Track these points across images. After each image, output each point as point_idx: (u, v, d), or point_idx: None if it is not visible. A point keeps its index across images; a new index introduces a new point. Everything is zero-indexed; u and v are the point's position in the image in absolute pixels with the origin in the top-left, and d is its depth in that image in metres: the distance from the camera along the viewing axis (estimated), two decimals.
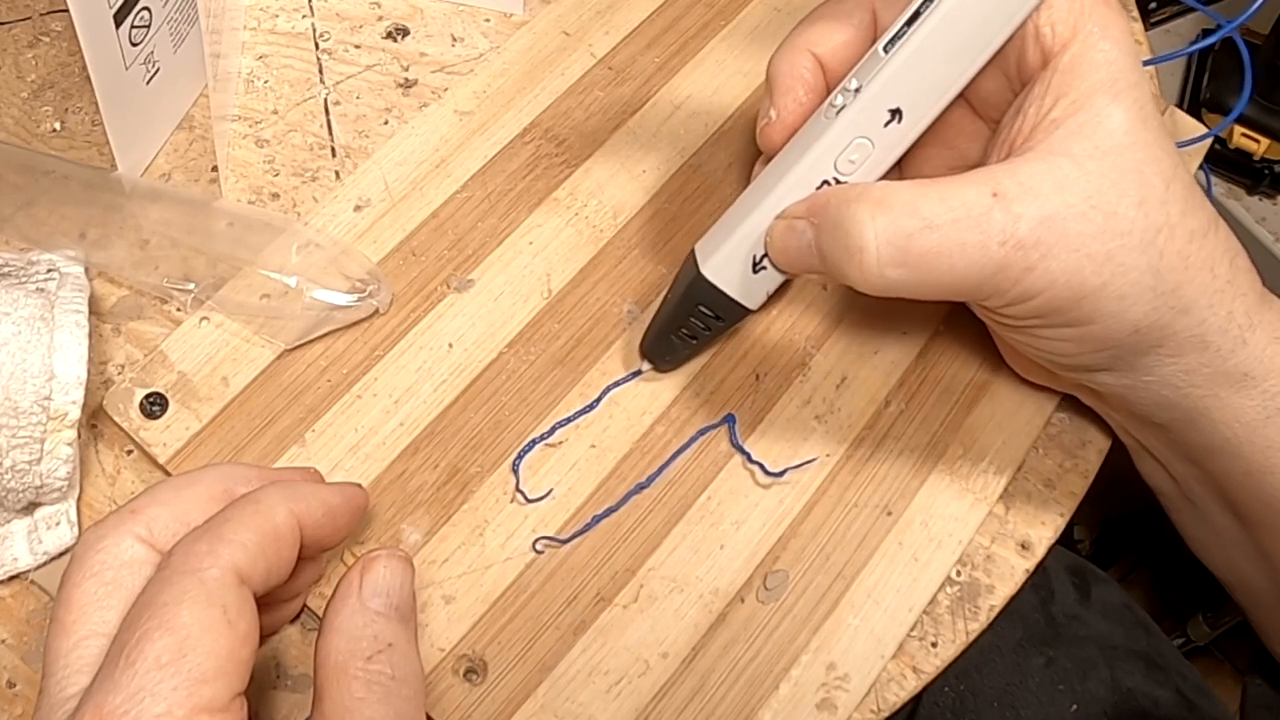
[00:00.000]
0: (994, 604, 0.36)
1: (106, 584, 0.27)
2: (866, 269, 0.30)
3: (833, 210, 0.31)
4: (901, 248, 0.29)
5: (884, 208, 0.30)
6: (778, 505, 0.37)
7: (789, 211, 0.33)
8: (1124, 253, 0.29)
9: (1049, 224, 0.29)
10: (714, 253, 0.35)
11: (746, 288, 0.35)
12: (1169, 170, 0.30)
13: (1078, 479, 0.39)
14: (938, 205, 0.29)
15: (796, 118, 0.35)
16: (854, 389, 0.39)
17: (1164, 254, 0.30)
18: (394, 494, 0.36)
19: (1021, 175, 0.29)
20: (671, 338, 0.37)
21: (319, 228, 0.41)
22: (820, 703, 0.34)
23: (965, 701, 0.58)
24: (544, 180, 0.43)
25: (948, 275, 0.30)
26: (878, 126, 0.32)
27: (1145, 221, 0.30)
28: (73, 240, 0.40)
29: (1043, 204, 0.29)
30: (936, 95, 0.32)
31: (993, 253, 0.29)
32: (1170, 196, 0.30)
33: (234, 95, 0.45)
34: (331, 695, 0.27)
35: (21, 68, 0.45)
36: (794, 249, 0.33)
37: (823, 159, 0.32)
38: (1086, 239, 0.29)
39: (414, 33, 0.47)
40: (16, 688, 0.34)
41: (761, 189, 0.34)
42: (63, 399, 0.34)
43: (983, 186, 0.29)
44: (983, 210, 0.29)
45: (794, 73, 0.35)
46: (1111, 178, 0.29)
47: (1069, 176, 0.29)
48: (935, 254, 0.29)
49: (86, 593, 0.27)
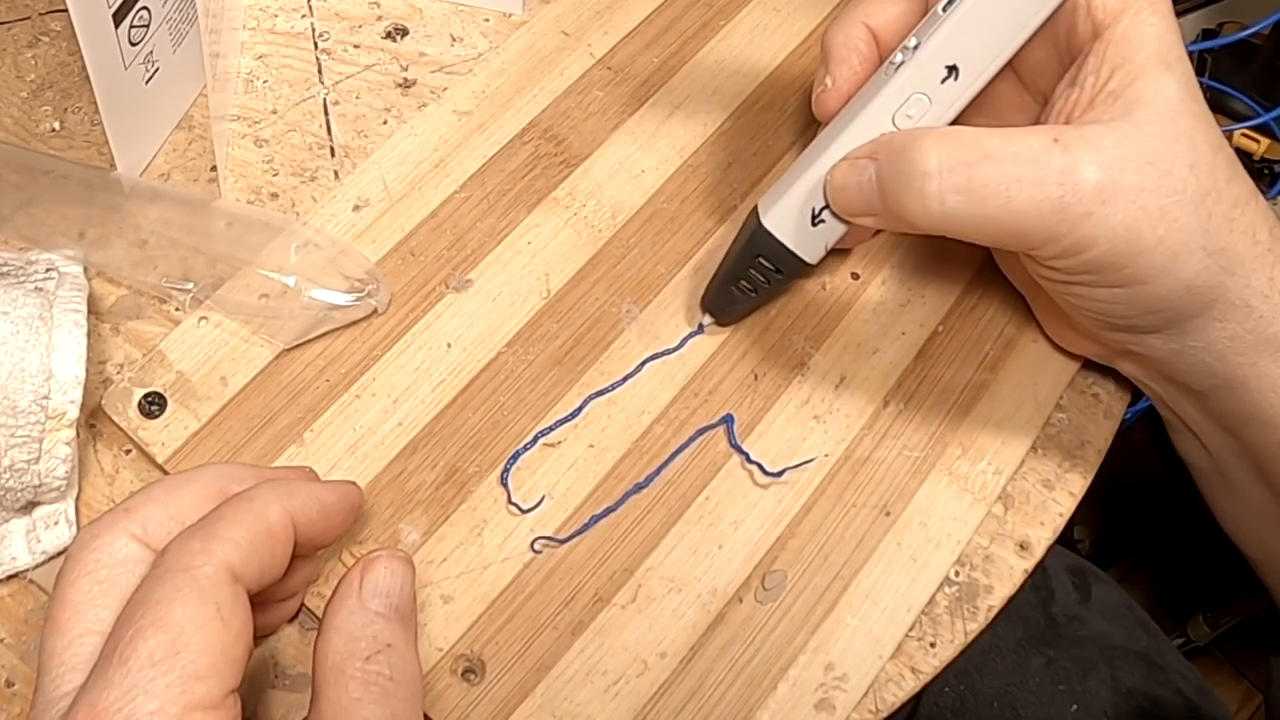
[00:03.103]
0: (993, 604, 0.36)
1: (101, 582, 0.27)
2: (928, 194, 0.31)
3: (896, 144, 0.32)
4: (964, 175, 0.30)
5: (948, 139, 0.31)
6: (776, 505, 0.37)
7: (854, 153, 0.34)
8: (1178, 209, 0.30)
9: (1108, 170, 0.30)
10: (774, 204, 0.36)
11: (805, 240, 0.36)
12: (1215, 140, 0.32)
13: (1077, 479, 0.39)
14: (1001, 141, 0.30)
15: (852, 85, 0.36)
16: (853, 389, 0.39)
17: (1212, 214, 0.31)
18: (392, 494, 0.36)
19: (1084, 131, 0.31)
20: (732, 290, 0.38)
21: (318, 227, 0.41)
22: (818, 703, 0.34)
23: (965, 701, 0.58)
24: (543, 180, 0.43)
25: (1005, 209, 0.30)
26: (934, 83, 0.33)
27: (1196, 183, 0.31)
28: (72, 240, 0.40)
29: (1103, 154, 0.30)
30: (992, 53, 0.33)
31: (1050, 191, 0.30)
32: (1217, 163, 0.31)
33: (233, 95, 0.45)
34: (329, 695, 0.27)
35: (21, 67, 0.45)
36: (854, 185, 0.33)
37: (881, 113, 0.34)
38: (1144, 192, 0.30)
39: (413, 33, 0.47)
40: (15, 687, 0.34)
41: (822, 143, 0.35)
42: (61, 398, 0.34)
43: (1045, 134, 0.31)
44: (1044, 150, 0.30)
45: (849, 43, 0.36)
46: (1167, 139, 0.30)
47: (1128, 135, 0.30)
48: (996, 184, 0.30)
49: (81, 591, 0.27)
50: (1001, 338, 0.40)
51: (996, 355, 0.40)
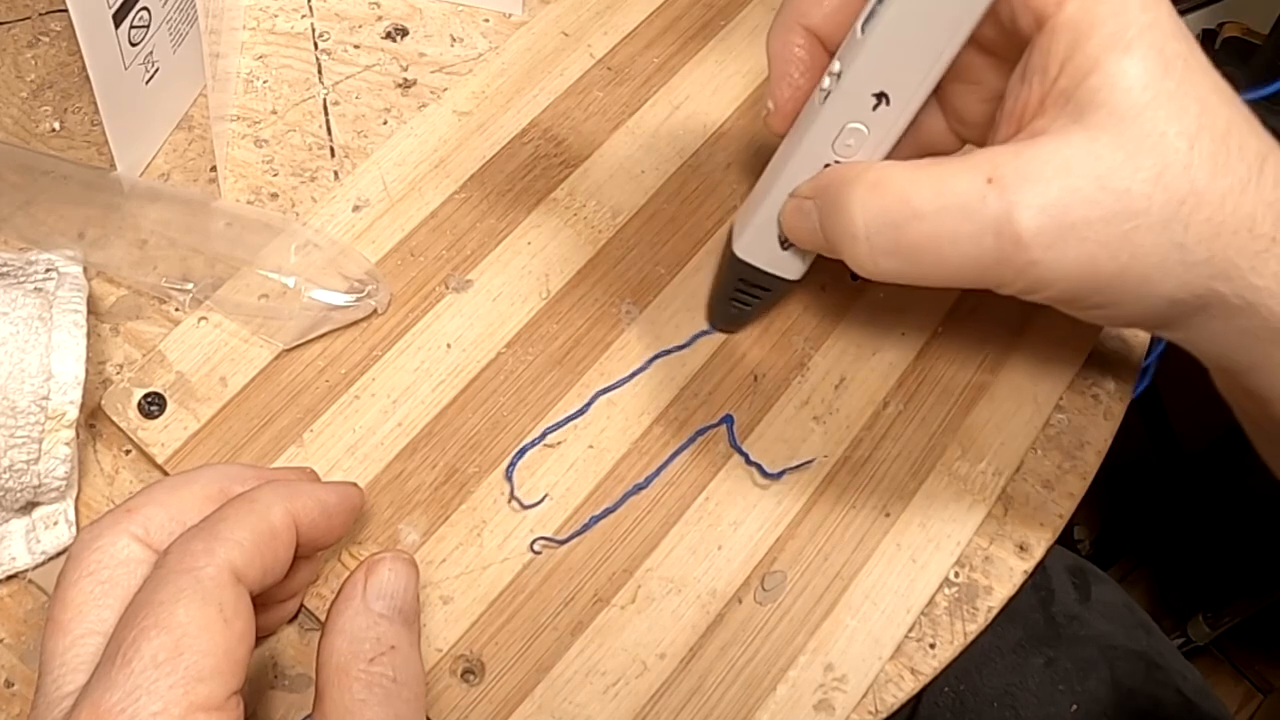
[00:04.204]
0: (992, 605, 0.36)
1: (103, 583, 0.27)
2: (860, 257, 0.29)
3: (831, 193, 0.30)
4: (891, 238, 0.28)
5: (876, 193, 0.28)
6: (776, 506, 0.37)
7: (798, 191, 0.33)
8: (1141, 233, 0.27)
9: (1049, 212, 0.26)
10: (742, 233, 0.36)
11: (782, 261, 0.36)
12: (1194, 124, 0.27)
13: (1076, 480, 0.39)
14: (928, 191, 0.27)
15: (794, 103, 0.33)
16: (852, 390, 0.39)
17: (1189, 225, 0.27)
18: (392, 494, 0.36)
19: (1025, 158, 0.27)
20: (730, 305, 0.38)
21: (317, 228, 0.41)
22: (818, 704, 0.34)
23: (965, 702, 0.58)
24: (543, 180, 0.43)
25: (941, 267, 0.28)
26: (866, 111, 0.30)
27: (1165, 195, 0.26)
28: (71, 240, 0.40)
29: (1043, 190, 0.26)
30: (919, 76, 0.30)
31: (986, 244, 0.27)
32: (1195, 157, 0.26)
33: (233, 95, 0.45)
34: (332, 696, 0.27)
35: (21, 67, 0.45)
36: (803, 230, 0.32)
37: (819, 145, 0.32)
38: (1095, 225, 0.26)
39: (413, 33, 0.47)
40: (14, 687, 0.34)
41: (773, 172, 0.34)
42: (61, 398, 0.34)
43: (977, 173, 0.27)
44: (975, 198, 0.27)
45: (786, 54, 0.33)
46: (1126, 151, 0.26)
47: (1076, 156, 0.26)
48: (925, 245, 0.28)
49: (83, 591, 0.27)
50: (1001, 339, 0.40)
51: (996, 356, 0.40)
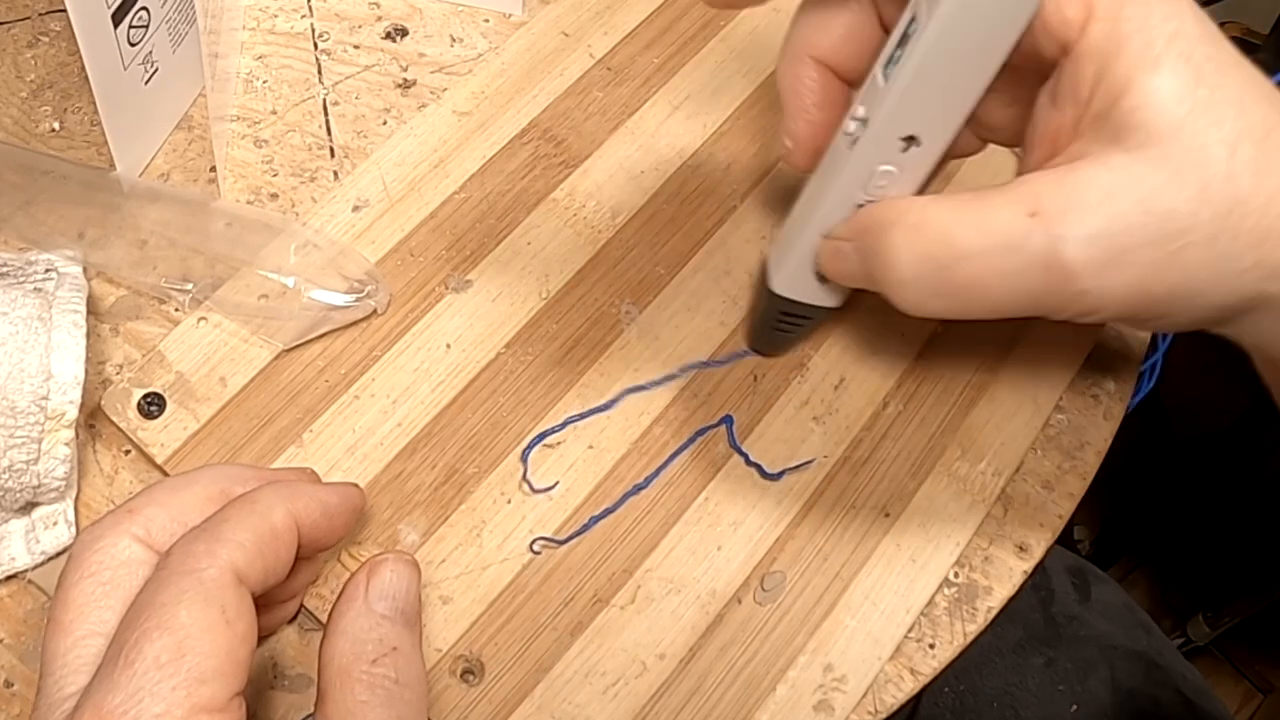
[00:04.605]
0: (992, 605, 0.36)
1: (104, 584, 0.27)
2: (906, 300, 0.29)
3: (871, 237, 0.29)
4: (937, 279, 0.28)
5: (918, 236, 0.28)
6: (775, 506, 0.37)
7: (834, 233, 0.32)
8: (1189, 250, 0.26)
9: (1097, 241, 0.26)
10: (779, 269, 0.35)
11: (820, 293, 0.35)
12: (1233, 130, 0.26)
13: (1076, 481, 0.39)
14: (971, 230, 0.27)
15: (814, 139, 0.33)
16: (852, 390, 0.39)
17: (1237, 235, 0.26)
18: (391, 494, 0.36)
19: (1066, 187, 0.26)
20: (771, 333, 0.38)
21: (317, 228, 0.41)
22: (817, 704, 0.34)
23: (965, 702, 0.58)
24: (542, 181, 0.43)
25: (990, 303, 0.28)
26: (895, 154, 0.30)
27: (1211, 210, 0.26)
28: (71, 240, 0.40)
29: (1089, 220, 0.26)
30: (948, 117, 0.29)
31: (1034, 279, 0.27)
32: (1238, 165, 0.26)
33: (232, 95, 0.45)
34: (335, 698, 0.27)
35: (20, 68, 0.45)
36: (844, 272, 0.32)
37: (850, 186, 0.31)
38: (1143, 249, 0.26)
39: (413, 33, 0.47)
40: (14, 688, 0.34)
41: (806, 211, 0.33)
42: (60, 399, 0.34)
43: (1020, 206, 0.27)
44: (1020, 234, 0.26)
45: (798, 88, 0.32)
46: (1168, 170, 0.26)
47: (1118, 181, 0.26)
48: (972, 284, 0.27)
49: (84, 592, 0.27)
50: (1000, 340, 0.40)
51: (996, 357, 0.40)
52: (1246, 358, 0.33)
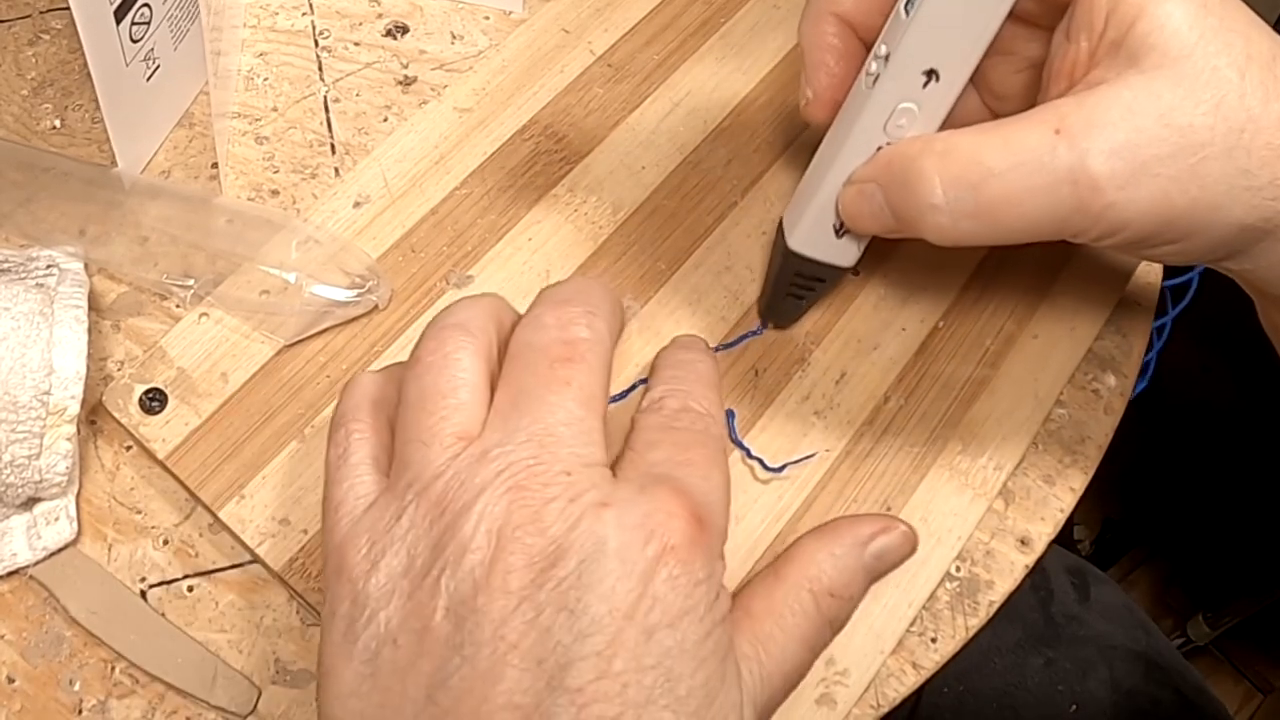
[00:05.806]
0: (993, 600, 0.36)
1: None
2: (940, 225, 0.30)
3: (898, 169, 0.30)
4: (970, 200, 0.29)
5: (949, 160, 0.29)
6: (777, 501, 0.37)
7: (855, 175, 0.33)
8: (1208, 164, 0.28)
9: (1120, 154, 0.28)
10: (796, 225, 0.36)
11: (836, 250, 0.36)
12: (1242, 54, 0.28)
13: (1078, 475, 0.39)
14: (1000, 151, 0.28)
15: (833, 91, 0.34)
16: (853, 384, 0.39)
17: (1251, 151, 0.28)
18: None
19: (1088, 106, 0.28)
20: (785, 300, 0.38)
21: (318, 224, 0.41)
22: (819, 698, 0.34)
23: (965, 702, 0.58)
24: (543, 177, 0.43)
25: (1021, 221, 0.29)
26: (916, 89, 0.31)
27: (1226, 125, 0.28)
28: (72, 237, 0.40)
29: (1111, 134, 0.28)
30: (967, 50, 0.31)
31: (1063, 193, 0.28)
32: (1248, 86, 0.28)
33: (234, 92, 0.45)
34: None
35: (22, 65, 0.45)
36: (867, 213, 0.32)
37: (871, 128, 0.32)
38: (1164, 161, 0.28)
39: (413, 30, 0.47)
40: (15, 683, 0.34)
41: (824, 160, 0.34)
42: (62, 394, 0.34)
43: (1044, 126, 0.28)
44: (1047, 150, 0.28)
45: (820, 43, 0.34)
46: (1183, 88, 0.28)
47: (1137, 98, 0.28)
48: (1004, 201, 0.29)
49: None
50: (1002, 333, 0.40)
51: (997, 351, 0.40)
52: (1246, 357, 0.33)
